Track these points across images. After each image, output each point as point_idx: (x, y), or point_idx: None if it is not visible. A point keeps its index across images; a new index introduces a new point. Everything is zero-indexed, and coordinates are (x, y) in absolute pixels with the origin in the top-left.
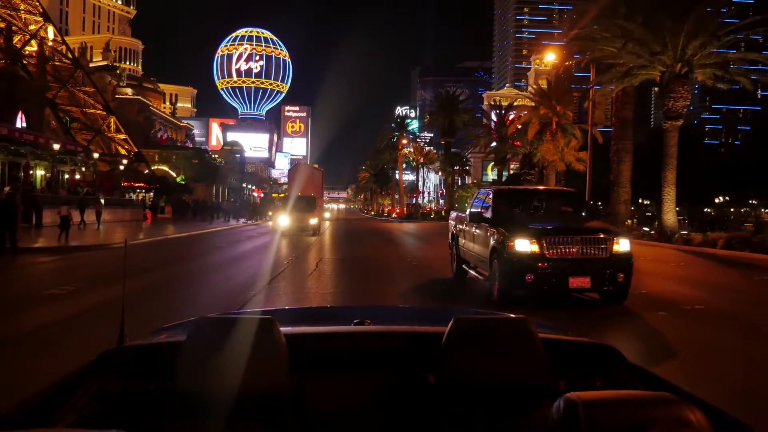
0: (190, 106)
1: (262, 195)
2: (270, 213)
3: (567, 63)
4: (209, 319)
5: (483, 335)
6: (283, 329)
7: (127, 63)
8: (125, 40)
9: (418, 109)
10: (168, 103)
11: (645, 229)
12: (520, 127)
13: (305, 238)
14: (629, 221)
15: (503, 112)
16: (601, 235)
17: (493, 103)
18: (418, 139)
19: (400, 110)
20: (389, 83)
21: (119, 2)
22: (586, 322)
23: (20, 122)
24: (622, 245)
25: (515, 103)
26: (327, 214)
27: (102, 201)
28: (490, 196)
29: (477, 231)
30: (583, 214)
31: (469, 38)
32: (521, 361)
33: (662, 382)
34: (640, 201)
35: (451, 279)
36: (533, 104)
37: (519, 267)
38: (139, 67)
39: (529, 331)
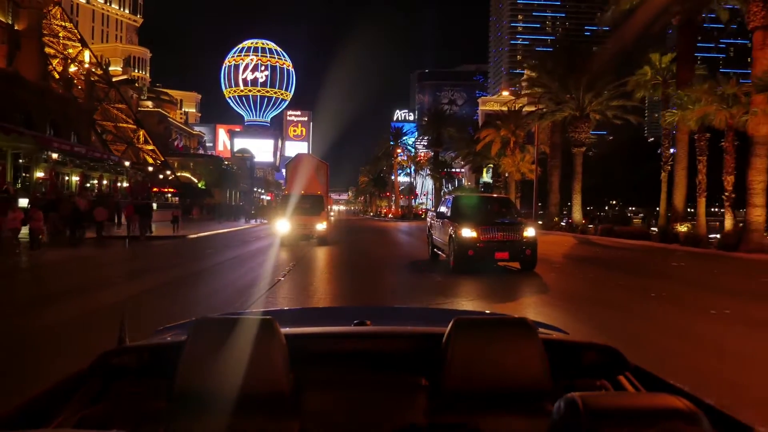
0: (194, 110)
1: (275, 198)
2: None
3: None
4: (209, 320)
5: (483, 336)
6: (284, 330)
7: (137, 71)
8: (135, 49)
9: (416, 112)
10: (181, 109)
11: (562, 223)
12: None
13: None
14: (556, 218)
15: (480, 127)
16: (515, 226)
17: (476, 118)
18: (417, 143)
19: (399, 113)
20: (389, 85)
21: (127, 11)
22: (506, 279)
23: (72, 138)
24: (530, 232)
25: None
26: None
27: (154, 205)
28: (451, 201)
29: (441, 224)
30: (513, 213)
31: (467, 42)
32: (521, 362)
33: (663, 383)
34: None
35: (427, 259)
36: (497, 127)
37: (464, 246)
38: (148, 74)
39: (529, 332)
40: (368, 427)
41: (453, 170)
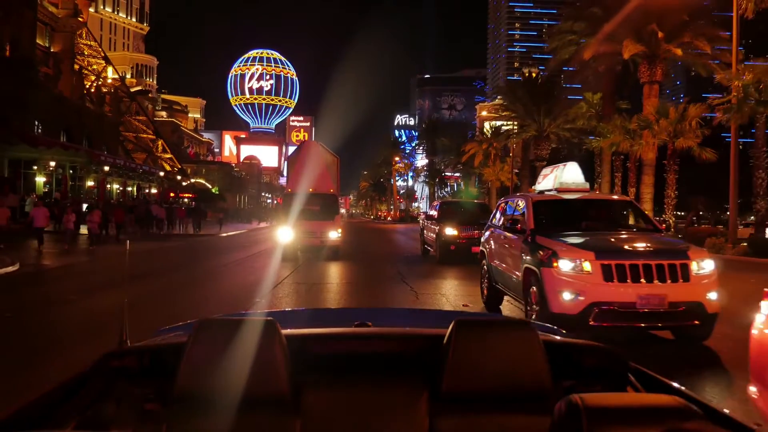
0: (199, 116)
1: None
2: None
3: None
4: (210, 321)
5: (484, 337)
6: (285, 331)
7: (144, 78)
8: (142, 57)
9: (417, 117)
10: (191, 116)
11: None
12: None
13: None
14: None
15: (474, 136)
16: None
17: (474, 122)
18: (416, 148)
19: (399, 119)
20: (391, 90)
21: (134, 20)
22: (479, 268)
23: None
24: None
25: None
26: None
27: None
28: (438, 206)
29: (430, 225)
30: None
31: (468, 47)
32: (522, 364)
33: (663, 385)
34: None
35: (419, 254)
36: (479, 141)
37: (447, 242)
38: (155, 81)
39: (530, 334)
40: (369, 428)
41: (448, 175)
